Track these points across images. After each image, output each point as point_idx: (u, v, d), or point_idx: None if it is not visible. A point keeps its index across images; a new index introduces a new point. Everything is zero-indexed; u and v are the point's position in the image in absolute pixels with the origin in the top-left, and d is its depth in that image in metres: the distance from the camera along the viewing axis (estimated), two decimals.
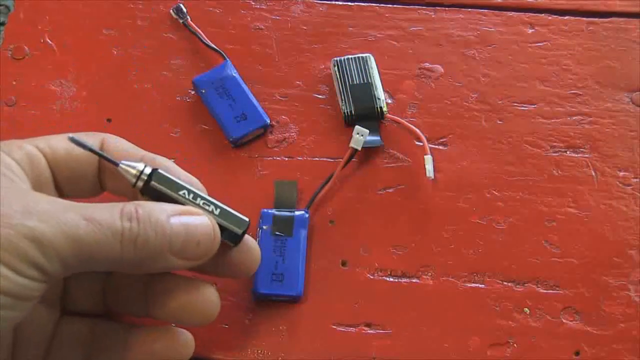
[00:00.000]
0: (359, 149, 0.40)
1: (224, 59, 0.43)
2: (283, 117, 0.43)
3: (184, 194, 0.31)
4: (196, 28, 0.44)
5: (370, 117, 0.41)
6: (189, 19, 0.44)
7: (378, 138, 0.41)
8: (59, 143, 0.31)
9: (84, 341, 0.33)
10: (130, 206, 0.28)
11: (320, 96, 0.43)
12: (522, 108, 0.43)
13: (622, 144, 0.42)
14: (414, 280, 0.39)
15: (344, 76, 0.42)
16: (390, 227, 0.40)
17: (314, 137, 0.42)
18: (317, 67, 0.44)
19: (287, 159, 0.42)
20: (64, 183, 0.32)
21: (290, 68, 0.44)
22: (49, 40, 0.44)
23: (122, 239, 0.27)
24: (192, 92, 0.43)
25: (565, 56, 0.44)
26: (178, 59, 0.44)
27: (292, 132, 0.42)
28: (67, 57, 0.44)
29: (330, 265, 0.39)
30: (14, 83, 0.43)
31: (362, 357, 0.37)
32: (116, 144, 0.32)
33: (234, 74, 0.42)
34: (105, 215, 0.27)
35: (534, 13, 0.46)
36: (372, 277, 0.39)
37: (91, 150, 0.30)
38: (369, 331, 0.38)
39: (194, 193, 0.31)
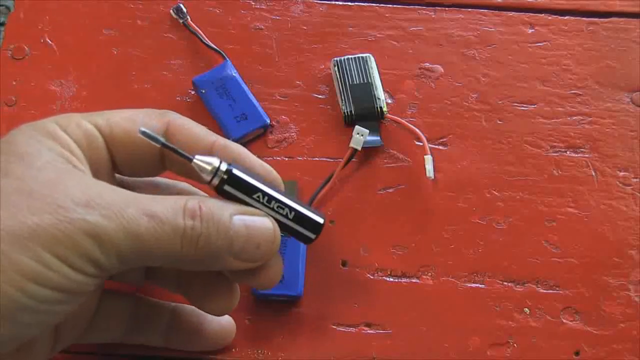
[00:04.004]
0: (359, 149, 0.40)
1: (224, 59, 0.43)
2: (283, 117, 0.43)
3: (258, 197, 0.29)
4: (196, 28, 0.44)
5: (370, 117, 0.41)
6: (189, 19, 0.44)
7: (378, 138, 0.41)
8: (119, 122, 0.30)
9: (125, 317, 0.34)
10: (193, 202, 0.27)
11: (320, 96, 0.43)
12: (522, 108, 0.43)
13: (622, 144, 0.42)
14: (414, 280, 0.39)
15: (344, 76, 0.42)
16: (390, 227, 0.40)
17: (314, 137, 0.42)
18: (317, 67, 0.44)
19: (287, 159, 0.42)
20: (122, 163, 0.31)
21: (290, 68, 0.44)
22: (49, 40, 0.44)
23: (183, 238, 0.27)
24: (192, 92, 0.43)
25: (565, 56, 0.44)
26: (178, 59, 0.44)
27: (292, 132, 0.42)
28: (67, 57, 0.44)
29: (330, 265, 0.39)
30: (14, 83, 0.43)
31: (362, 357, 0.37)
32: (183, 126, 0.30)
33: (234, 74, 0.42)
34: (168, 212, 0.26)
35: (534, 13, 0.46)
36: (372, 277, 0.39)
37: (164, 144, 0.28)
38: (369, 331, 0.38)
39: (269, 196, 0.29)
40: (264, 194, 0.29)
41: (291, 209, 0.30)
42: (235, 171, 0.29)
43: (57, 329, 0.31)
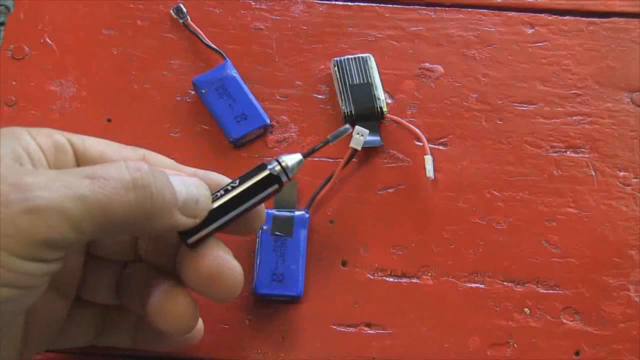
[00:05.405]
0: (359, 149, 0.40)
1: (224, 59, 0.43)
2: (283, 117, 0.43)
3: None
4: (196, 28, 0.44)
5: (370, 117, 0.41)
6: (189, 19, 0.44)
7: (378, 138, 0.41)
8: (94, 143, 0.30)
9: (95, 321, 0.34)
10: (133, 161, 0.27)
11: (320, 96, 0.43)
12: (522, 108, 0.43)
13: (622, 144, 0.42)
14: (414, 280, 0.39)
15: (344, 76, 0.42)
16: (390, 227, 0.40)
17: (314, 137, 0.42)
18: (317, 67, 0.44)
19: None
20: None
21: (290, 68, 0.44)
22: (49, 40, 0.44)
23: (135, 190, 0.26)
24: (192, 92, 0.43)
25: (565, 56, 0.44)
26: (178, 59, 0.44)
27: (292, 132, 0.42)
28: (67, 57, 0.43)
29: (330, 265, 0.39)
30: (14, 83, 0.43)
31: (362, 357, 0.37)
32: (160, 161, 0.32)
33: (234, 74, 0.42)
34: (110, 171, 0.26)
35: (534, 13, 0.46)
36: (372, 277, 0.39)
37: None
38: (369, 331, 0.38)
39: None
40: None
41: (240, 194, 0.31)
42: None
43: (25, 337, 0.30)
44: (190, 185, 0.29)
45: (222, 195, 0.31)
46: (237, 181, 0.31)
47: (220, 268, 0.31)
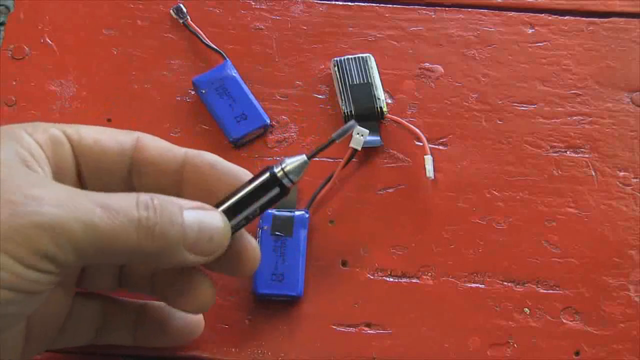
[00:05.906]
0: (359, 149, 0.40)
1: (224, 59, 0.43)
2: (283, 117, 0.43)
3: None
4: (196, 28, 0.44)
5: (370, 117, 0.41)
6: (189, 19, 0.44)
7: (378, 138, 0.41)
8: (88, 131, 0.30)
9: (96, 319, 0.34)
10: (145, 196, 0.27)
11: (320, 96, 0.43)
12: (522, 108, 0.43)
13: (622, 144, 0.42)
14: (414, 280, 0.39)
15: (344, 76, 0.42)
16: (390, 227, 0.40)
17: (314, 137, 0.42)
18: (317, 67, 0.44)
19: None
20: (89, 174, 0.31)
21: (290, 68, 0.44)
22: (49, 40, 0.44)
23: (139, 228, 0.26)
24: (192, 92, 0.43)
25: (565, 56, 0.44)
26: (178, 59, 0.44)
27: (292, 132, 0.42)
28: (67, 57, 0.43)
29: (330, 265, 0.39)
30: (14, 83, 0.43)
31: (362, 357, 0.37)
32: (153, 139, 0.32)
33: (234, 74, 0.42)
34: (121, 203, 0.26)
35: (534, 13, 0.46)
36: (372, 277, 0.39)
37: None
38: (369, 331, 0.38)
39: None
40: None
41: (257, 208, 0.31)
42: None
43: (27, 336, 0.30)
44: (205, 222, 0.29)
45: (242, 225, 0.31)
46: (257, 210, 0.31)
47: (243, 249, 0.32)
